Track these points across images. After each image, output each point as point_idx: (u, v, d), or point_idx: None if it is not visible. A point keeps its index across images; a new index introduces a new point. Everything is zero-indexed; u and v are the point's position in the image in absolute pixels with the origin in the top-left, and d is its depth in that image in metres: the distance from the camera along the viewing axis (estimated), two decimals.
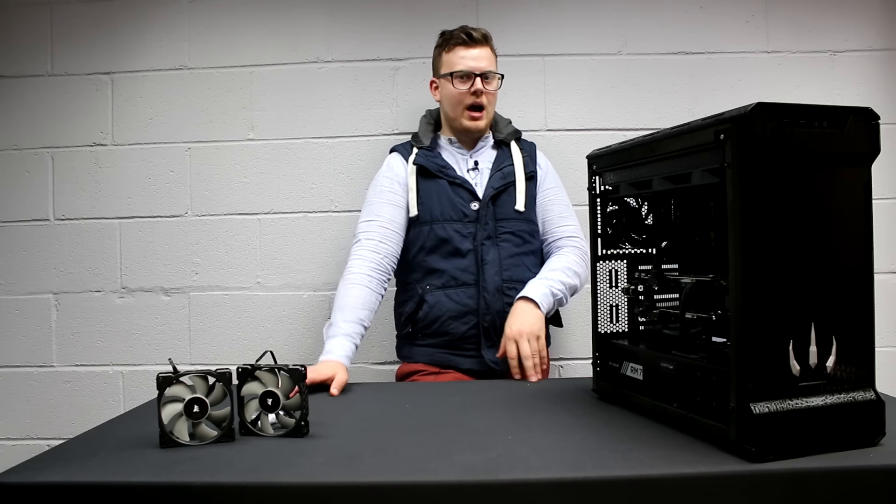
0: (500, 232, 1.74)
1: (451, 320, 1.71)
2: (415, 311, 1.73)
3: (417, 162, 1.77)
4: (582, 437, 1.02)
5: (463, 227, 1.73)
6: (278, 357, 1.10)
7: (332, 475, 0.89)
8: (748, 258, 0.89)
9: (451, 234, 1.72)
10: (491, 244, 1.73)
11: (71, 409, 2.20)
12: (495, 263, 1.71)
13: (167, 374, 1.02)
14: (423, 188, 1.76)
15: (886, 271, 2.14)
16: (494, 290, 1.70)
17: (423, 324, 1.73)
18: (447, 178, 1.76)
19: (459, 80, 1.75)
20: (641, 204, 1.29)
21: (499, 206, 1.75)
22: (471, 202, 1.74)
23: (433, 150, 1.81)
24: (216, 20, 2.19)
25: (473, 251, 1.72)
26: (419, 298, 1.73)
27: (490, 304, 1.69)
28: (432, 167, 1.76)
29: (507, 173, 1.78)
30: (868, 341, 0.95)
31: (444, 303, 1.71)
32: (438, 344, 1.73)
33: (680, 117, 1.38)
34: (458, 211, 1.74)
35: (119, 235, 2.20)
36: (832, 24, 2.17)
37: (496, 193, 1.75)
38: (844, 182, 0.94)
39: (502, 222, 1.75)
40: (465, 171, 1.80)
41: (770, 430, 0.88)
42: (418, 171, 1.77)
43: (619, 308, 1.30)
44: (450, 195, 1.75)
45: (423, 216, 1.75)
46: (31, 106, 2.21)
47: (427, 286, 1.73)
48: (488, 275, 1.70)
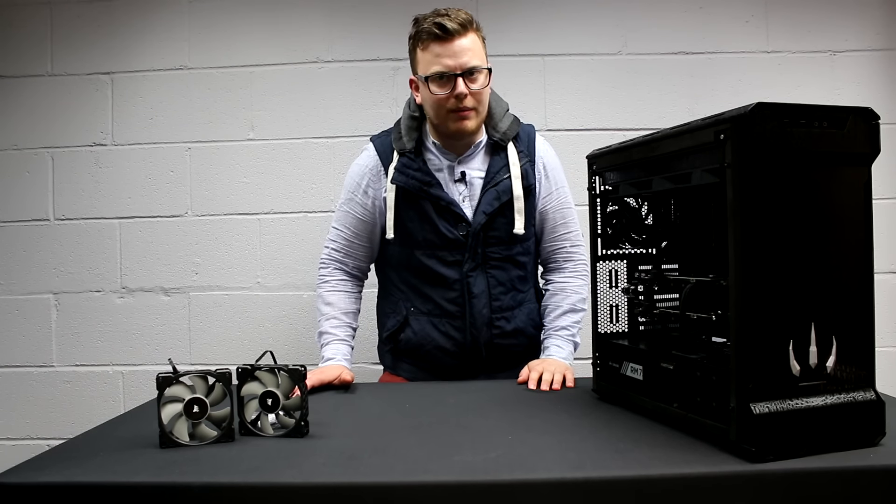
0: (491, 258, 1.55)
1: (436, 351, 1.57)
2: (398, 331, 1.60)
3: (397, 182, 1.53)
4: (582, 437, 1.02)
5: (448, 255, 1.54)
6: (278, 357, 1.10)
7: (332, 475, 0.89)
8: (748, 258, 0.89)
9: (435, 264, 1.54)
10: (479, 273, 1.54)
11: (71, 409, 2.20)
12: (483, 296, 1.54)
13: (167, 374, 1.02)
14: (404, 210, 1.54)
15: (886, 271, 2.14)
16: (482, 324, 1.55)
17: (407, 347, 1.60)
18: (431, 200, 1.52)
19: (437, 84, 1.47)
20: (641, 204, 1.29)
21: (491, 230, 1.54)
22: (458, 225, 1.53)
23: (417, 158, 1.55)
24: (216, 20, 2.19)
25: (460, 281, 1.54)
26: (403, 318, 1.59)
27: (477, 338, 1.55)
28: (414, 187, 1.52)
29: (503, 191, 1.53)
30: (868, 341, 0.95)
31: (430, 332, 1.57)
32: (423, 367, 1.61)
33: (680, 117, 1.38)
34: (442, 238, 1.53)
35: (119, 235, 2.20)
36: (832, 24, 2.17)
37: (488, 220, 1.52)
38: (844, 182, 0.94)
39: (493, 248, 1.55)
40: (452, 184, 1.55)
41: (770, 430, 0.88)
42: (398, 191, 1.54)
43: (619, 308, 1.30)
44: (433, 220, 1.52)
45: (404, 241, 1.56)
46: (31, 106, 2.21)
47: (412, 308, 1.58)
48: (476, 308, 1.54)
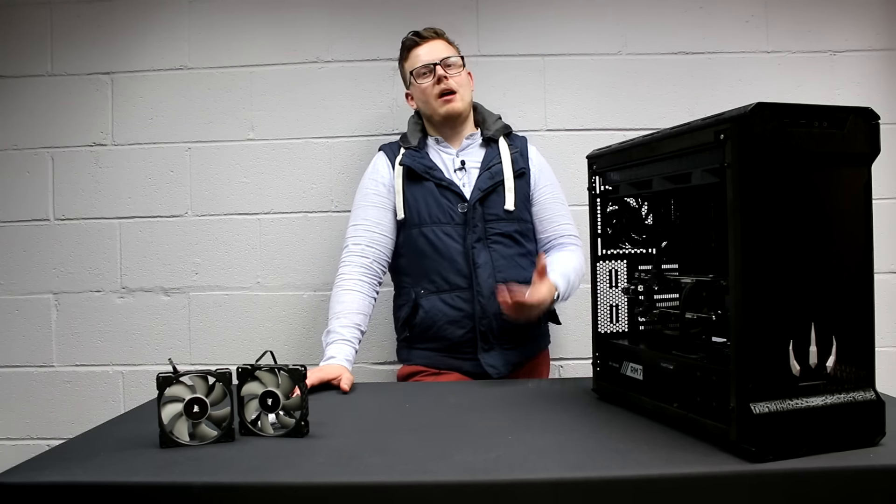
0: (491, 233, 1.70)
1: (447, 325, 1.68)
2: (411, 316, 1.72)
3: (404, 163, 1.74)
4: (582, 437, 1.02)
5: (452, 230, 1.70)
6: (278, 357, 1.10)
7: (332, 475, 0.89)
8: (748, 258, 0.89)
9: (441, 238, 1.70)
10: (482, 246, 1.69)
11: (71, 409, 2.20)
12: (488, 266, 1.68)
13: (167, 374, 1.02)
14: (410, 191, 1.73)
15: (886, 271, 2.14)
16: (489, 293, 1.65)
17: (420, 329, 1.71)
18: (434, 180, 1.72)
19: (421, 76, 1.75)
20: (641, 204, 1.29)
21: (488, 207, 1.71)
22: (458, 204, 1.70)
23: (421, 151, 1.77)
24: (216, 20, 2.19)
25: (464, 254, 1.69)
26: (414, 303, 1.71)
27: (486, 308, 1.66)
28: (419, 168, 1.73)
29: (496, 172, 1.73)
30: (868, 341, 0.95)
31: (440, 307, 1.69)
32: (436, 348, 1.71)
33: (680, 117, 1.38)
34: (446, 213, 1.70)
35: (119, 235, 2.20)
36: (832, 24, 2.17)
37: (484, 195, 1.71)
38: (844, 182, 0.94)
39: (492, 224, 1.71)
40: (453, 172, 1.76)
41: (770, 430, 0.88)
42: (405, 173, 1.74)
43: (619, 308, 1.30)
44: (437, 197, 1.71)
45: (411, 219, 1.72)
46: (31, 106, 2.20)
47: (421, 290, 1.71)
48: (481, 278, 1.67)
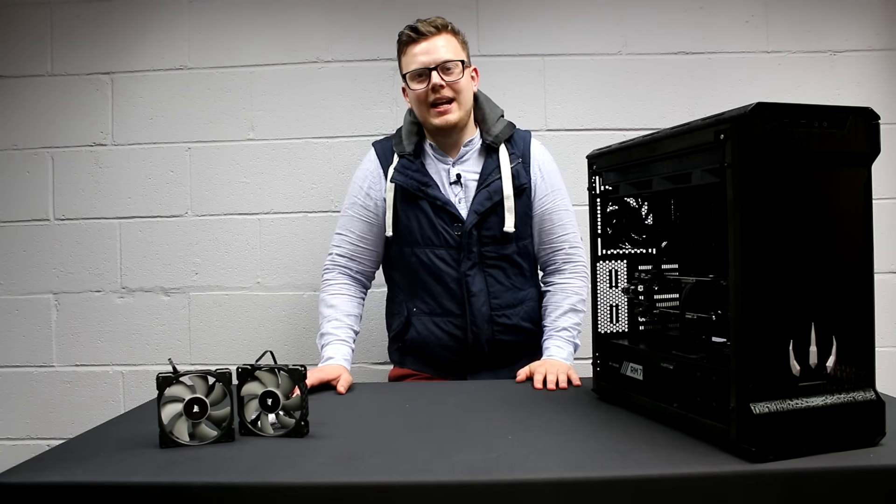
0: (488, 257, 1.61)
1: (438, 349, 1.63)
2: (402, 331, 1.66)
3: (396, 180, 1.62)
4: (582, 437, 1.02)
5: (446, 254, 1.60)
6: (278, 357, 1.10)
7: (332, 475, 0.89)
8: (748, 258, 0.89)
9: (434, 261, 1.60)
10: (477, 271, 1.60)
11: (71, 409, 2.20)
12: (482, 294, 1.60)
13: (167, 374, 1.02)
14: (403, 208, 1.62)
15: (886, 271, 2.14)
16: (483, 321, 1.60)
17: (411, 346, 1.67)
18: (429, 199, 1.60)
19: (415, 80, 1.60)
20: (641, 204, 1.29)
21: (485, 229, 1.60)
22: (453, 225, 1.59)
23: (415, 161, 1.63)
24: (216, 20, 2.19)
25: (458, 281, 1.60)
26: (406, 318, 1.65)
27: (479, 335, 1.60)
28: (412, 186, 1.60)
29: (494, 191, 1.60)
30: (868, 341, 0.95)
31: (432, 330, 1.63)
32: (428, 363, 1.67)
33: (680, 117, 1.38)
34: (440, 236, 1.60)
35: (119, 235, 2.20)
36: (832, 24, 2.17)
37: (480, 219, 1.59)
38: (844, 182, 0.94)
39: (488, 247, 1.60)
40: (449, 185, 1.63)
41: (770, 430, 0.88)
42: (397, 191, 1.62)
43: (619, 308, 1.30)
44: (431, 218, 1.60)
45: (403, 239, 1.63)
46: (31, 106, 2.20)
47: (414, 308, 1.65)
48: (475, 306, 1.60)
